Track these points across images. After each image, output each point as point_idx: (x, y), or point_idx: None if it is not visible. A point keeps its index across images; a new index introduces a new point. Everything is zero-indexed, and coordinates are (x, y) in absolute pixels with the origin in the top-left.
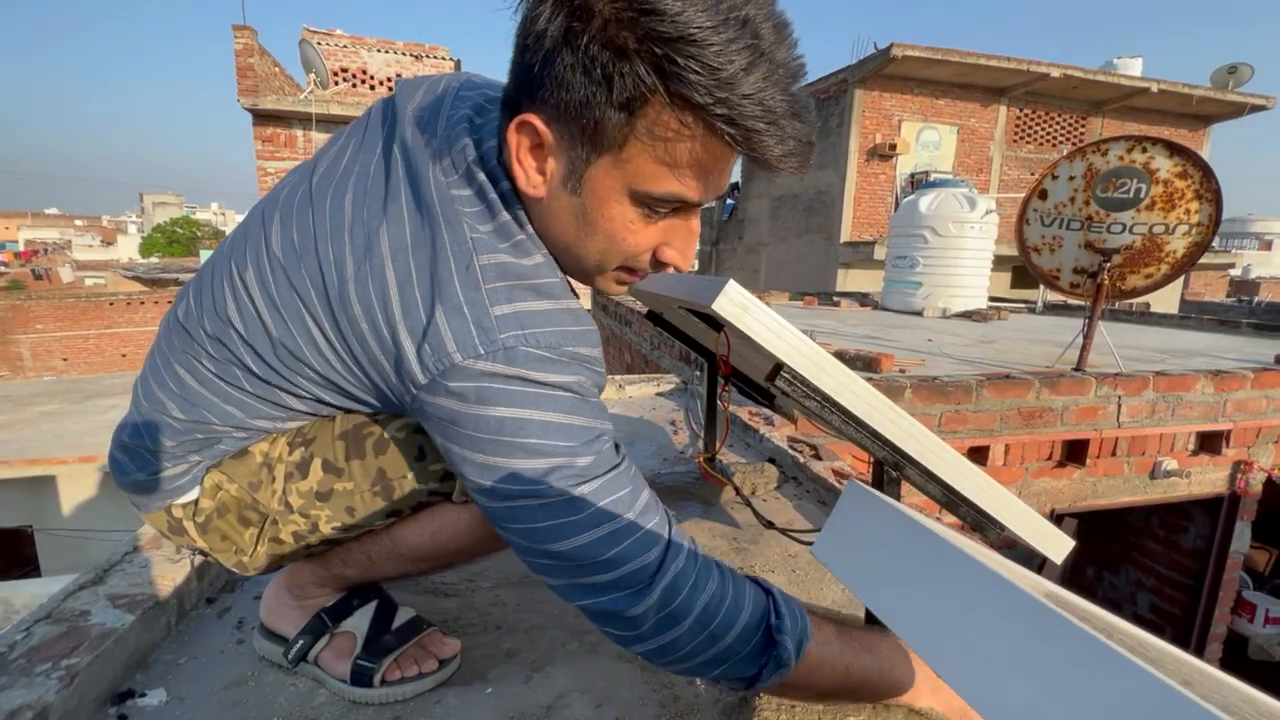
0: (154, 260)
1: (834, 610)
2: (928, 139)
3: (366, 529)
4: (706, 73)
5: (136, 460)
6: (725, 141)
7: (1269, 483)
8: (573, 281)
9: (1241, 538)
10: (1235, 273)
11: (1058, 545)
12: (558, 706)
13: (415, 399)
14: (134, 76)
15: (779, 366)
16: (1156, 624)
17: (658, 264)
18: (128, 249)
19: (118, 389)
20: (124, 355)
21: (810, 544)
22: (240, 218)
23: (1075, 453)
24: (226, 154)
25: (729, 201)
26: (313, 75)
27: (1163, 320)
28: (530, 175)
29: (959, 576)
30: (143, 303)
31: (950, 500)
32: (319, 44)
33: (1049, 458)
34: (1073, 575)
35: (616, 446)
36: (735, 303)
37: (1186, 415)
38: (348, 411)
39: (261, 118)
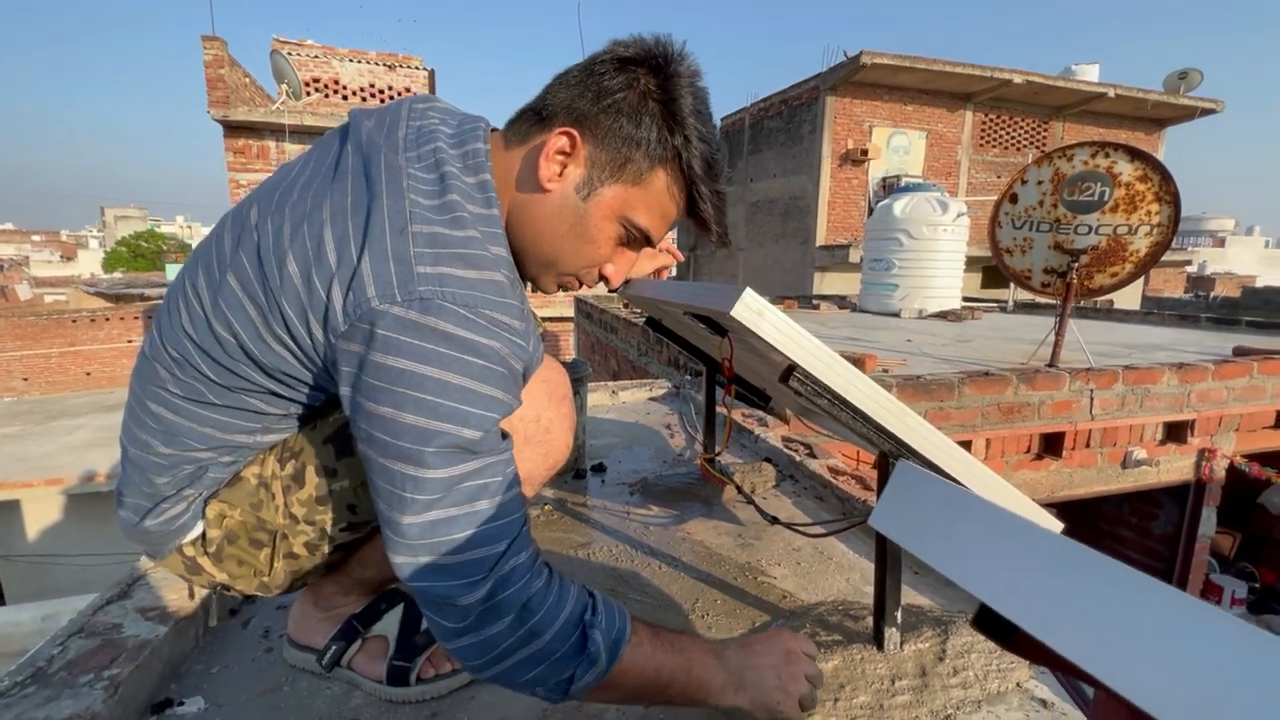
0: (118, 275)
1: (839, 599)
2: (898, 144)
3: (374, 524)
4: (704, 170)
5: (138, 509)
6: (688, 212)
7: (1232, 469)
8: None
9: (1208, 523)
10: (1192, 269)
11: (1048, 526)
12: None
13: (333, 349)
14: (93, 87)
15: (792, 368)
16: None
17: (599, 277)
18: (89, 264)
19: (83, 408)
20: (88, 374)
21: (813, 536)
22: (207, 230)
23: (1052, 445)
24: (192, 166)
25: None
26: (284, 86)
27: (1127, 316)
28: (550, 171)
29: (1011, 534)
30: (107, 319)
31: None
32: (290, 54)
33: (1027, 450)
34: None
35: (503, 434)
36: (752, 309)
37: (1154, 406)
38: (306, 407)
39: (233, 129)
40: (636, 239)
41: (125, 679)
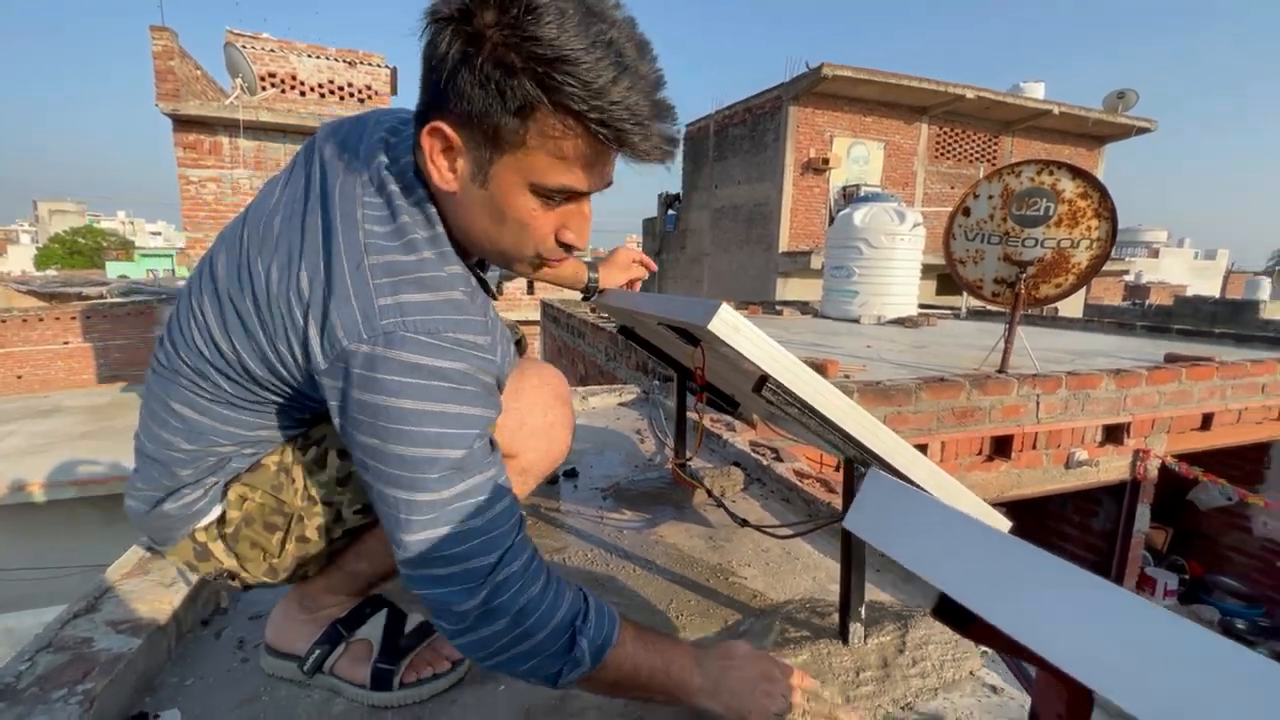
0: (52, 273)
1: (807, 597)
2: (857, 154)
3: None
4: (580, 86)
5: (151, 499)
6: (600, 140)
7: (1163, 468)
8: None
9: (1142, 519)
10: (1129, 279)
11: (998, 525)
12: (569, 698)
13: (319, 384)
14: (21, 70)
15: (764, 378)
16: None
17: (564, 247)
18: (20, 261)
19: (15, 413)
20: (19, 377)
21: (781, 538)
22: (151, 227)
23: (1002, 447)
24: (135, 159)
25: (671, 213)
26: (239, 80)
27: (1070, 324)
28: (443, 174)
29: (968, 534)
30: (40, 319)
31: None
32: (245, 48)
33: (979, 453)
34: None
35: (491, 443)
36: (728, 323)
37: (1094, 410)
38: (323, 407)
39: (183, 123)
40: (566, 199)
41: (99, 693)
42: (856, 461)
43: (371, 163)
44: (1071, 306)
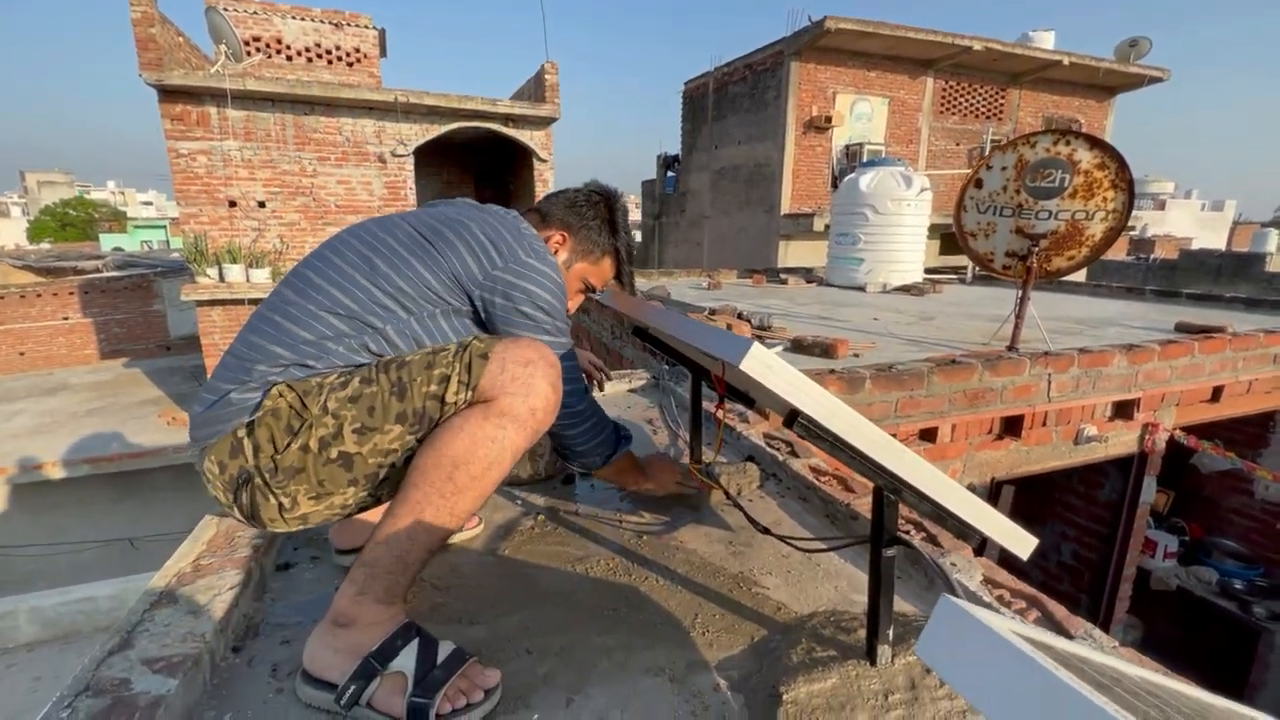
0: (46, 246)
1: (830, 609)
2: (861, 111)
3: (382, 438)
4: (626, 257)
5: (224, 391)
6: (617, 278)
7: (1171, 441)
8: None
9: (1149, 490)
10: (1134, 233)
11: (1023, 543)
12: None
13: (489, 275)
14: (9, 45)
15: (795, 413)
16: (1077, 569)
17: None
18: (12, 234)
19: (20, 392)
20: (22, 354)
21: (804, 550)
22: (142, 196)
23: (1012, 426)
24: (123, 129)
25: (670, 174)
26: (223, 46)
27: (1078, 288)
28: (555, 247)
29: (1047, 697)
30: (39, 295)
31: (939, 514)
32: (227, 11)
33: (989, 432)
34: None
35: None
36: (761, 363)
37: (1105, 387)
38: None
39: (169, 94)
40: (587, 290)
41: None
42: (886, 490)
43: (509, 211)
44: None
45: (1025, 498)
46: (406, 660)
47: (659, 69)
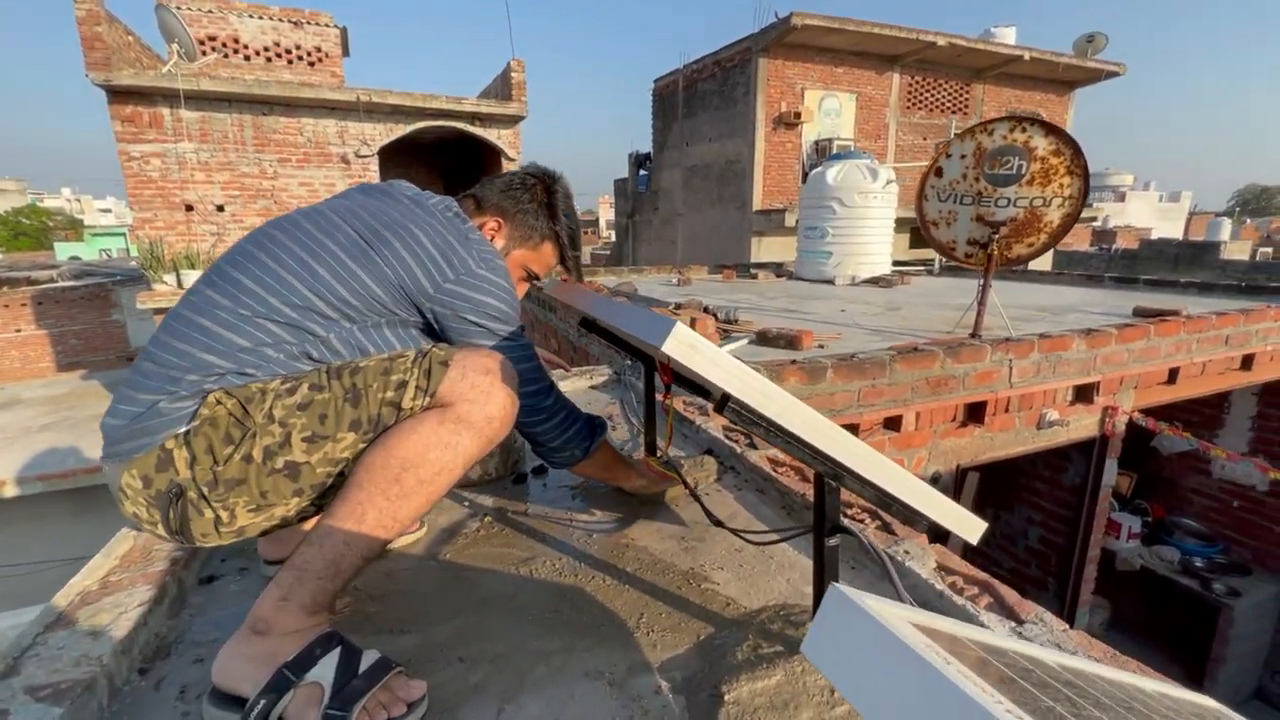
0: None
1: (780, 602)
2: (829, 107)
3: (334, 446)
4: (569, 241)
5: (151, 403)
6: (561, 262)
7: (1130, 424)
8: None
9: (1110, 473)
10: (1097, 224)
11: (973, 528)
12: None
13: (441, 289)
14: None
15: (726, 398)
16: (1044, 553)
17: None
18: None
19: None
20: None
21: (755, 543)
22: (100, 204)
23: (975, 413)
24: (75, 133)
25: (642, 173)
26: (175, 45)
27: (1040, 277)
28: (491, 235)
29: (927, 692)
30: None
31: (883, 500)
32: (179, 9)
33: (954, 419)
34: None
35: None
36: (684, 343)
37: (1065, 371)
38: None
39: (119, 95)
40: (530, 278)
41: None
42: (827, 476)
43: (448, 206)
44: (1041, 259)
45: (991, 484)
46: (325, 670)
47: (628, 66)
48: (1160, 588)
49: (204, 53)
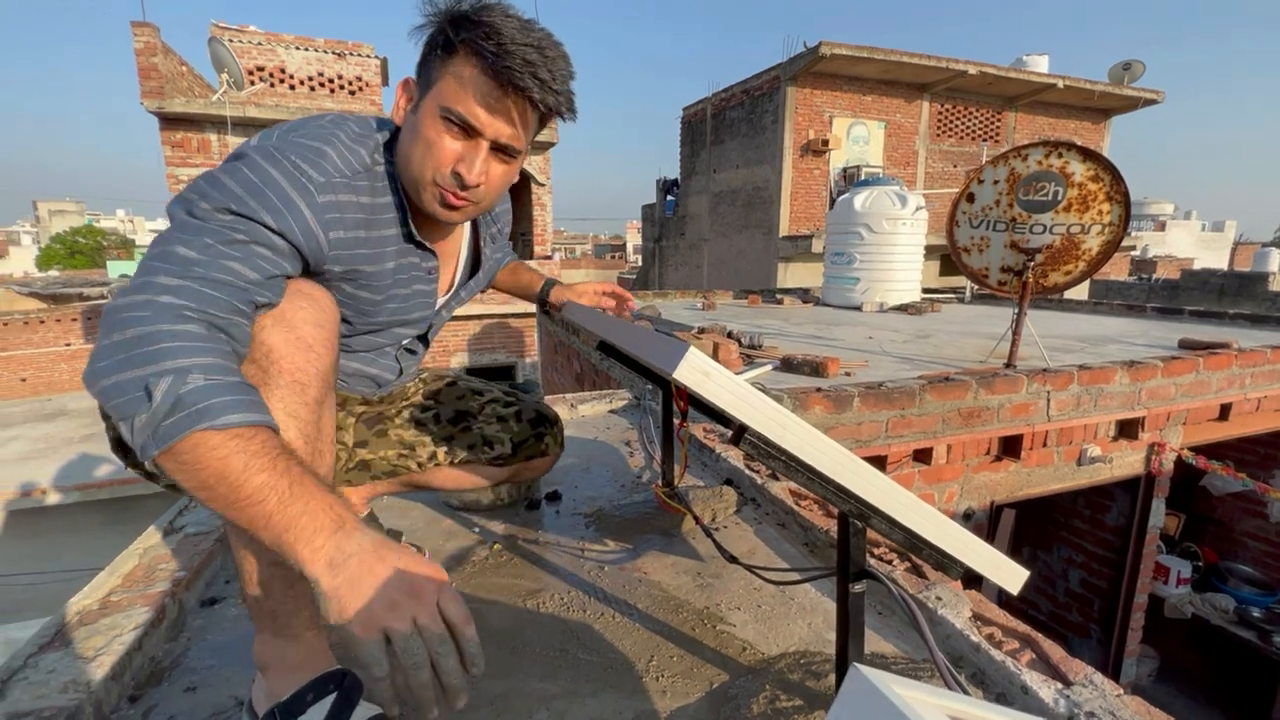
0: (54, 274)
1: (801, 649)
2: (858, 134)
3: None
4: (488, 38)
5: None
6: (496, 77)
7: (1179, 461)
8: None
9: (1158, 514)
10: (1135, 253)
11: (1013, 576)
12: None
13: None
14: (21, 78)
15: (743, 429)
16: (1087, 597)
17: (461, 183)
18: (22, 262)
19: (18, 417)
20: (24, 380)
21: (775, 582)
22: (151, 224)
23: (1010, 447)
24: (132, 158)
25: (670, 198)
26: (225, 75)
27: (1078, 306)
28: (398, 109)
29: None
30: (42, 321)
31: (913, 544)
32: (230, 41)
33: (987, 453)
34: (1010, 558)
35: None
36: (696, 369)
37: (1107, 405)
38: None
39: (170, 121)
40: (461, 126)
41: None
42: (852, 516)
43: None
44: (1078, 288)
45: (1028, 522)
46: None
47: (657, 94)
48: (1213, 638)
49: (252, 82)
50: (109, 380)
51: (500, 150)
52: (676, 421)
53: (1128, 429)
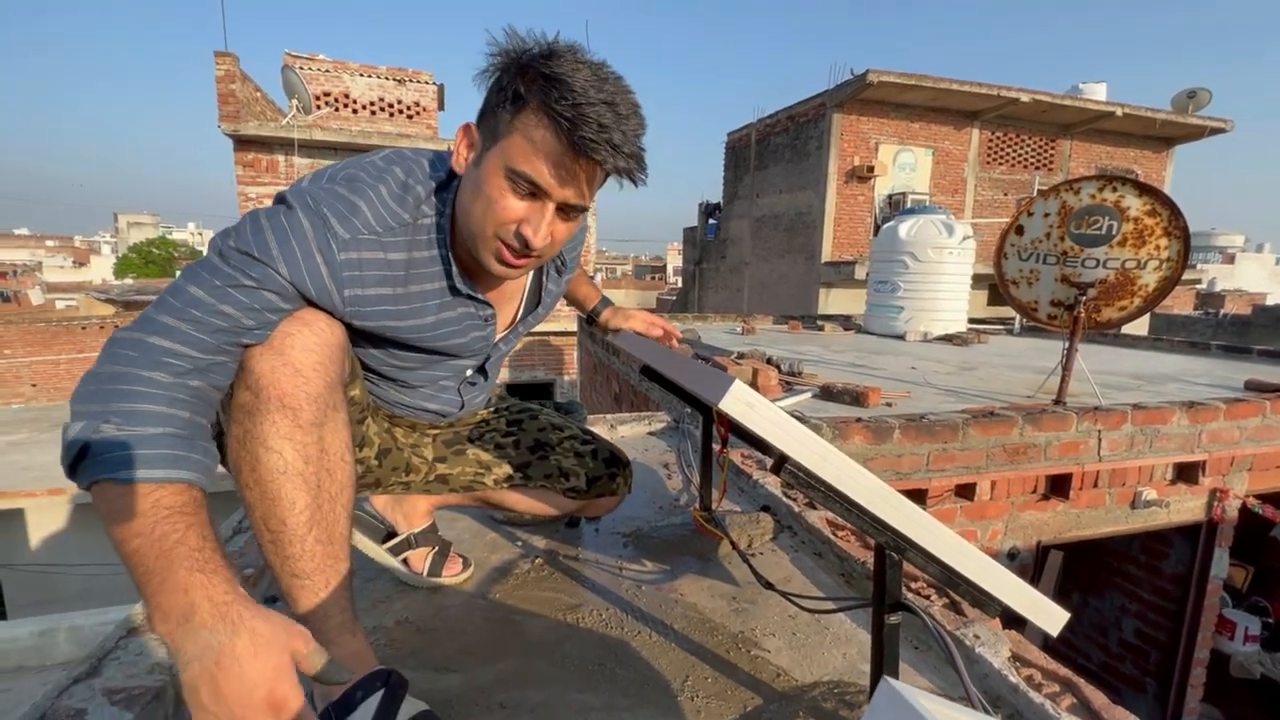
0: (128, 281)
1: (835, 679)
2: (904, 161)
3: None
4: (561, 96)
5: None
6: (567, 141)
7: (1244, 509)
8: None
9: (1220, 563)
10: (1201, 287)
11: (1053, 618)
12: None
13: None
14: (107, 97)
15: (783, 459)
16: (1142, 649)
17: (523, 243)
18: (101, 270)
19: None
20: None
21: (810, 610)
22: None
23: (1059, 486)
24: (204, 175)
25: (711, 222)
26: (295, 100)
27: (1136, 342)
28: (459, 158)
29: None
30: (116, 325)
31: (950, 579)
32: (301, 69)
33: (1034, 491)
34: (1057, 602)
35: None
36: (741, 401)
37: (1164, 447)
38: None
39: (243, 143)
40: (528, 188)
41: None
42: (888, 548)
43: (417, 159)
44: (1137, 323)
45: (1078, 565)
46: (363, 718)
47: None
48: None
49: (319, 107)
50: (78, 405)
51: (566, 209)
52: (716, 448)
53: (1187, 473)
